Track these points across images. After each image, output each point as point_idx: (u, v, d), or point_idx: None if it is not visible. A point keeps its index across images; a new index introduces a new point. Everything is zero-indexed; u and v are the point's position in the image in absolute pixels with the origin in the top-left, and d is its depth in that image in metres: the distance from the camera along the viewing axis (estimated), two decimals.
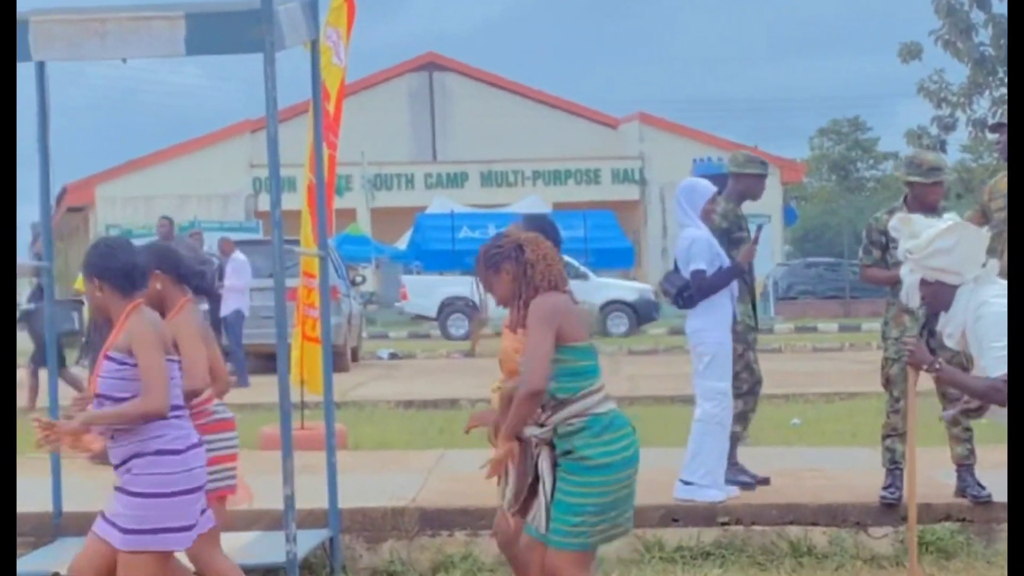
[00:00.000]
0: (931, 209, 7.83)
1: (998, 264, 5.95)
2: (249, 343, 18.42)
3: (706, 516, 7.73)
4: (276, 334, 6.58)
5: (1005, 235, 7.83)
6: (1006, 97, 43.06)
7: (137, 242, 5.97)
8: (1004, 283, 5.80)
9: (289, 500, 6.42)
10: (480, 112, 47.76)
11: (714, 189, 8.19)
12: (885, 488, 7.77)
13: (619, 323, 30.65)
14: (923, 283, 5.85)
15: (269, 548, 6.89)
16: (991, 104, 42.76)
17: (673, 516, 7.72)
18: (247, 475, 9.20)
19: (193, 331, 5.81)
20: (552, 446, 5.20)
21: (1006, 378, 5.36)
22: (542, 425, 5.18)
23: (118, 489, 5.24)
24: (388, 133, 46.27)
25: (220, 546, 5.98)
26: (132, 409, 5.14)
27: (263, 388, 16.25)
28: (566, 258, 11.69)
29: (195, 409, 5.80)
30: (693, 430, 7.94)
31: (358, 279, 23.96)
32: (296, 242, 10.33)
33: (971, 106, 43.03)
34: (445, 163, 48.19)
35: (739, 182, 8.56)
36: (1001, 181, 7.94)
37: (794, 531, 7.66)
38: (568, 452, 5.15)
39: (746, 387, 8.37)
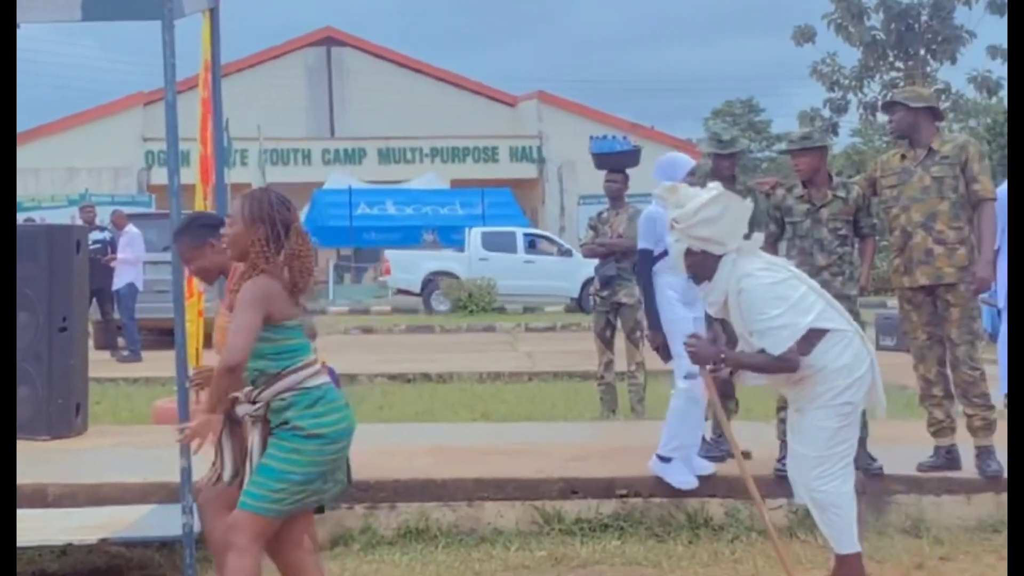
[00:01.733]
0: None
1: (761, 237, 6.09)
2: (142, 317, 18.22)
3: (605, 488, 7.77)
4: (173, 308, 6.51)
5: (894, 213, 7.98)
6: (896, 80, 43.82)
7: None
8: (767, 256, 5.95)
9: (185, 472, 6.35)
10: (378, 88, 47.54)
11: (692, 163, 8.20)
12: (780, 460, 7.86)
13: None
14: (688, 252, 5.94)
15: (166, 521, 6.81)
16: (881, 87, 43.47)
17: (572, 489, 7.76)
18: (139, 449, 9.13)
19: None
20: (267, 422, 5.15)
21: (792, 352, 5.69)
22: (254, 403, 5.14)
23: None
24: (285, 108, 45.94)
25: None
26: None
27: (156, 362, 16.09)
28: (549, 235, 11.13)
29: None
30: (669, 407, 7.96)
31: None
32: None
33: (862, 89, 43.74)
34: (343, 139, 47.92)
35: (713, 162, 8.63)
36: (894, 158, 8.07)
37: (691, 503, 7.72)
38: (283, 424, 5.09)
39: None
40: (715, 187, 6.00)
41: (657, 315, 7.94)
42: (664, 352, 7.93)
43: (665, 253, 8.00)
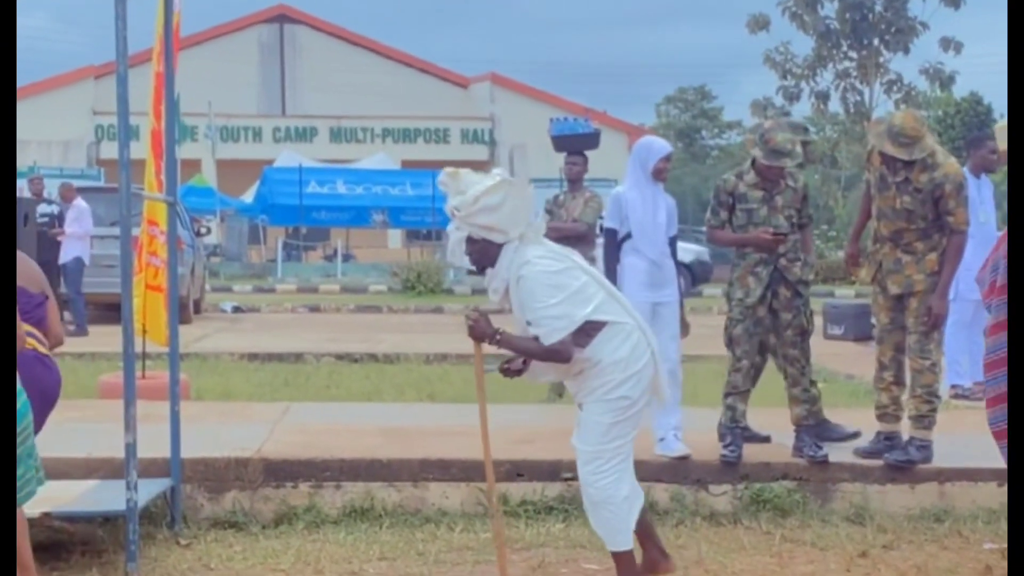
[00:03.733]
0: (771, 182, 7.96)
1: (543, 224, 5.99)
2: (89, 292, 18.09)
3: (550, 472, 7.79)
4: (120, 282, 6.46)
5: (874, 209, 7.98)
6: (848, 70, 43.94)
7: None
8: (550, 244, 5.87)
9: (130, 448, 6.32)
10: (331, 67, 47.42)
11: (669, 148, 8.16)
12: (725, 447, 7.91)
13: None
14: (470, 240, 5.81)
15: (109, 496, 6.78)
16: (834, 76, 43.70)
17: (518, 471, 7.77)
18: (84, 424, 9.07)
19: None
20: None
21: (564, 342, 5.59)
22: None
23: None
24: (236, 84, 45.71)
25: None
26: None
27: (102, 337, 15.99)
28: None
29: None
30: None
31: (203, 230, 23.60)
32: (141, 190, 10.14)
33: (815, 78, 43.93)
34: (294, 117, 47.77)
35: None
36: (876, 156, 7.96)
37: None
38: None
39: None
40: (498, 173, 5.85)
41: None
42: None
43: (629, 235, 8.03)
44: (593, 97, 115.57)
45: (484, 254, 5.80)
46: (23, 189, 20.47)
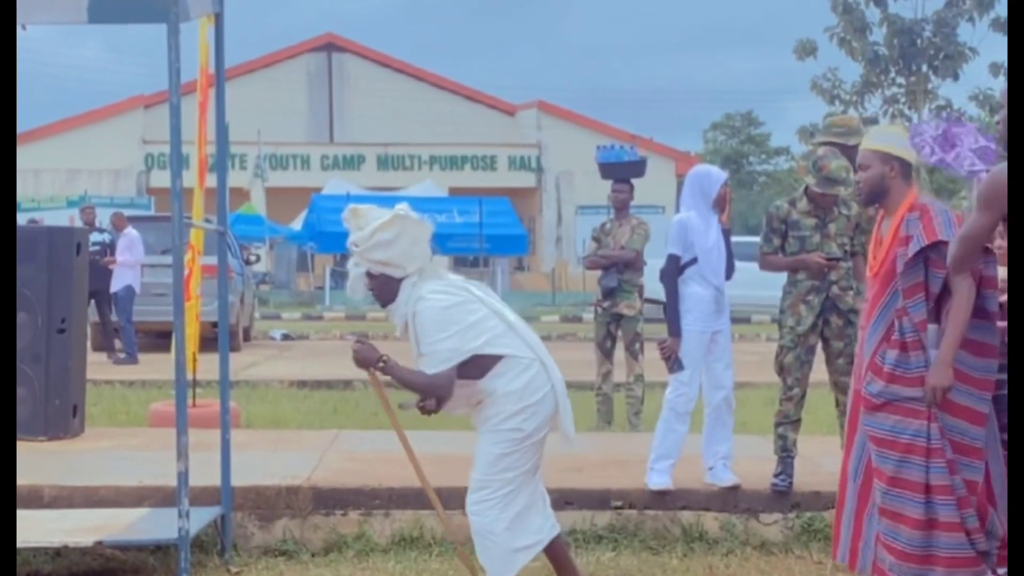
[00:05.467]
0: (823, 210, 7.93)
1: (444, 259, 6.03)
2: (139, 320, 18.22)
3: (599, 500, 7.78)
4: (173, 311, 6.51)
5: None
6: (897, 96, 43.66)
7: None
8: (450, 278, 5.91)
9: (182, 476, 6.35)
10: (378, 95, 47.61)
11: (725, 175, 8.17)
12: (776, 475, 7.87)
13: None
14: (370, 275, 5.85)
15: (161, 525, 6.81)
16: (882, 102, 43.49)
17: (567, 500, 7.75)
18: (135, 452, 9.12)
19: None
20: None
21: (443, 375, 5.68)
22: None
23: None
24: (285, 113, 45.99)
25: None
26: None
27: (152, 365, 16.10)
28: None
29: None
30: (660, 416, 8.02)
31: (252, 258, 23.73)
32: (188, 218, 10.20)
33: (863, 104, 43.73)
34: (342, 145, 47.96)
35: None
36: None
37: (686, 516, 7.72)
38: None
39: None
40: (401, 208, 5.87)
41: (679, 321, 7.91)
42: (675, 362, 7.88)
43: (694, 260, 8.01)
44: (640, 124, 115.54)
45: (384, 289, 5.85)
46: (75, 219, 20.67)
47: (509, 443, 5.79)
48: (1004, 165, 5.22)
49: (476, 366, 5.74)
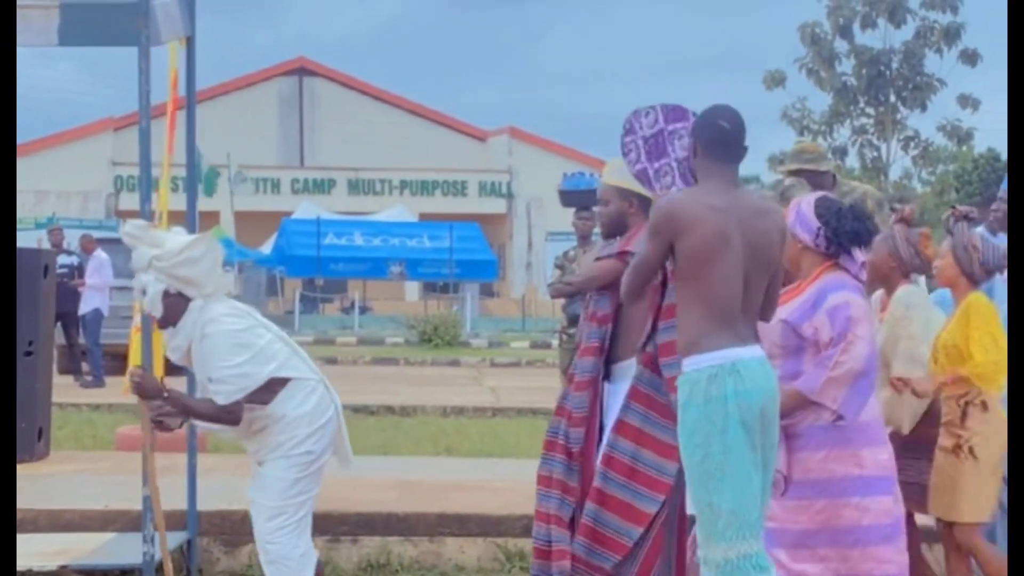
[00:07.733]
0: None
1: (230, 280, 6.00)
2: (107, 343, 18.12)
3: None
4: (142, 334, 6.50)
5: None
6: (865, 127, 44.02)
7: None
8: (233, 302, 5.88)
9: (147, 500, 6.32)
10: (349, 119, 47.64)
11: None
12: None
13: None
14: (165, 294, 5.72)
15: (125, 549, 6.79)
16: (851, 132, 43.83)
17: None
18: (101, 476, 9.07)
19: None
20: None
21: (232, 404, 5.57)
22: None
23: None
24: (256, 136, 45.93)
25: None
26: None
27: (119, 388, 15.98)
28: None
29: None
30: None
31: None
32: None
33: (832, 134, 44.07)
34: (312, 168, 47.95)
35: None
36: None
37: None
38: None
39: None
40: (215, 234, 5.89)
41: None
42: None
43: None
44: (611, 149, 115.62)
45: (172, 310, 5.73)
46: (43, 240, 20.58)
47: (301, 467, 5.77)
48: (674, 194, 5.34)
49: (265, 390, 5.69)
